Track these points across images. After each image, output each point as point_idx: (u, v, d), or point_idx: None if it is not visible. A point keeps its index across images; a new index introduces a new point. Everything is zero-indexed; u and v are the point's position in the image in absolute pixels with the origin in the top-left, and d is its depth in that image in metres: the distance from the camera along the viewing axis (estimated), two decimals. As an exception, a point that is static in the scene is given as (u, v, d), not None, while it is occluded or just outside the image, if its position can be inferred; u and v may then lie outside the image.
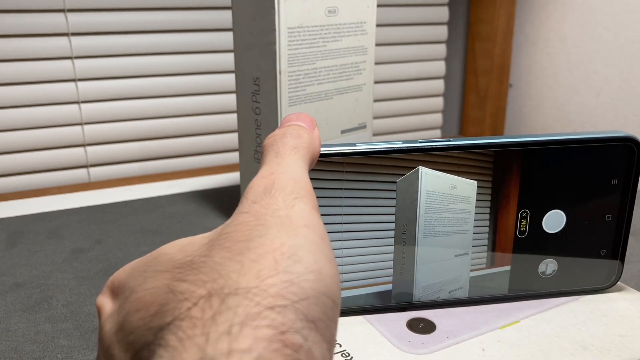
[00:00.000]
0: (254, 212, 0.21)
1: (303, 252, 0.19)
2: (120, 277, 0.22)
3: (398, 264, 0.33)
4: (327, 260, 0.19)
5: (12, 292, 0.41)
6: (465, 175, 0.32)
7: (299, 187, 0.22)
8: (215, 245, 0.20)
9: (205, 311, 0.17)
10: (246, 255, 0.18)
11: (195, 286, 0.18)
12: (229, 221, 0.21)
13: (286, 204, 0.21)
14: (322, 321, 0.18)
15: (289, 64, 0.44)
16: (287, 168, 0.23)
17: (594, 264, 0.34)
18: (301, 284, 0.18)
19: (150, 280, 0.20)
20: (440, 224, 0.33)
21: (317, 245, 0.20)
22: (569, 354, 0.30)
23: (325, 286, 0.19)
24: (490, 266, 0.34)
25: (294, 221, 0.20)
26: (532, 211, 0.33)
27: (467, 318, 0.33)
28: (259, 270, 0.18)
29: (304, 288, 0.18)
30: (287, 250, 0.19)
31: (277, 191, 0.22)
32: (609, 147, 0.32)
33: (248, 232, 0.20)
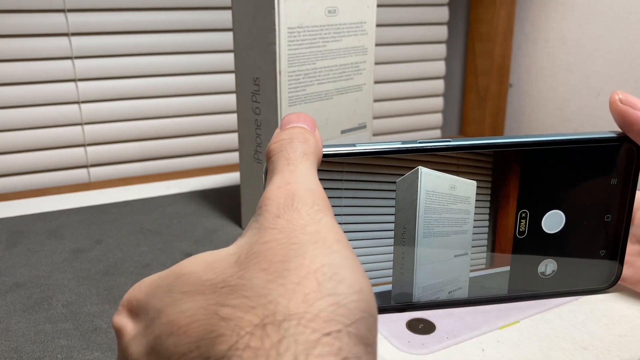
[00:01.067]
0: (281, 228, 0.20)
1: (343, 271, 0.19)
2: (137, 297, 0.22)
3: (397, 265, 0.33)
4: (363, 275, 0.19)
5: (12, 292, 0.41)
6: (464, 176, 0.32)
7: (319, 198, 0.22)
8: (250, 265, 0.19)
9: (264, 341, 0.17)
10: (288, 277, 0.18)
11: (242, 312, 0.18)
12: (254, 237, 0.20)
13: (312, 218, 0.21)
14: (370, 340, 0.18)
15: (289, 64, 0.44)
16: (302, 177, 0.23)
17: (594, 264, 0.34)
18: (348, 305, 0.18)
19: (182, 303, 0.19)
20: (439, 224, 0.33)
21: (353, 261, 0.19)
22: (568, 354, 0.30)
23: (367, 304, 0.18)
24: (489, 266, 0.34)
25: (326, 237, 0.20)
26: (532, 211, 0.33)
27: (467, 318, 0.33)
28: (305, 294, 0.18)
29: (351, 309, 0.18)
30: (328, 271, 0.18)
31: (300, 204, 0.21)
32: (608, 148, 0.32)
33: (283, 251, 0.19)
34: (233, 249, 0.21)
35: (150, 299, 0.21)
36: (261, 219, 0.21)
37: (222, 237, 0.50)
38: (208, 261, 0.21)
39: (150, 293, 0.21)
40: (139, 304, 0.21)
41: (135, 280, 0.42)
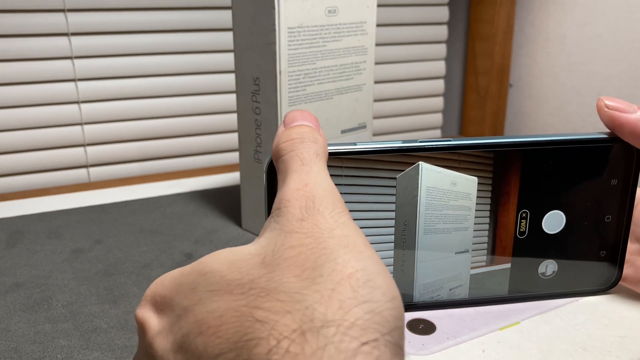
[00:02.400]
0: (308, 232, 0.20)
1: (376, 277, 0.18)
2: (162, 292, 0.21)
3: (398, 262, 0.33)
4: (393, 282, 0.19)
5: (12, 292, 0.41)
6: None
7: (338, 200, 0.22)
8: (279, 269, 0.19)
9: (304, 347, 0.16)
10: (322, 284, 0.18)
11: (277, 315, 0.17)
12: (278, 239, 0.20)
13: (336, 221, 0.20)
14: (402, 347, 0.18)
15: (289, 64, 0.44)
16: (319, 179, 0.23)
17: (594, 265, 0.34)
18: (383, 313, 0.18)
19: (209, 302, 0.19)
20: (440, 221, 0.33)
21: (382, 266, 0.19)
22: (568, 355, 0.30)
23: (400, 312, 0.18)
24: (490, 266, 0.34)
25: (356, 241, 0.20)
26: (532, 212, 0.33)
27: (467, 319, 0.33)
28: (341, 301, 0.17)
29: (387, 318, 0.18)
30: (362, 276, 0.18)
31: (322, 206, 0.21)
32: (609, 148, 0.32)
33: (314, 256, 0.19)
34: (255, 249, 0.20)
35: (175, 296, 0.21)
36: (283, 221, 0.21)
37: (222, 237, 0.50)
38: (231, 260, 0.20)
39: (174, 290, 0.21)
40: (163, 299, 0.21)
41: (136, 281, 0.42)
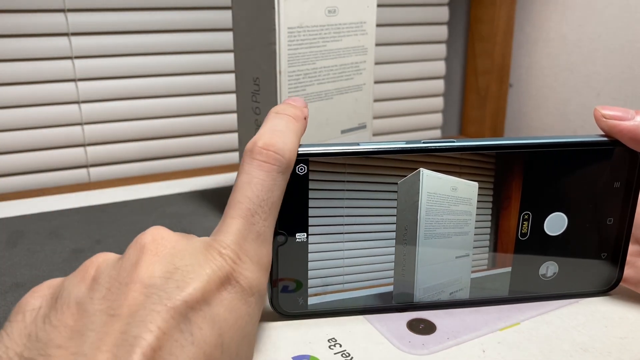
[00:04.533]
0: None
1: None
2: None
3: (399, 266, 0.33)
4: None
5: (12, 292, 0.41)
6: (467, 177, 0.32)
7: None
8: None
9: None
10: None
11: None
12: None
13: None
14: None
15: (289, 64, 0.44)
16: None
17: (595, 267, 0.34)
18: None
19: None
20: (441, 226, 0.33)
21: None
22: (569, 356, 0.30)
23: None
24: (491, 268, 0.34)
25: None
26: (534, 213, 0.33)
27: (468, 319, 0.33)
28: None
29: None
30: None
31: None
32: (611, 151, 0.32)
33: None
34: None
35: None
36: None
37: (222, 237, 0.50)
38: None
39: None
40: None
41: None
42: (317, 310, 0.33)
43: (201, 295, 0.22)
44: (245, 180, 0.26)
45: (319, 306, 0.33)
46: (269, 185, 0.26)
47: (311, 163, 0.30)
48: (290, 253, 0.32)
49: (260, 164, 0.27)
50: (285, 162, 0.27)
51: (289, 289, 0.32)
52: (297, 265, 0.32)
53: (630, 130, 0.31)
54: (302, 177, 0.30)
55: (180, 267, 0.22)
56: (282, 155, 0.27)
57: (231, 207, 0.26)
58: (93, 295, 0.21)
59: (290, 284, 0.32)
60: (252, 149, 0.27)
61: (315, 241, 0.32)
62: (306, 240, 0.32)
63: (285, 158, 0.27)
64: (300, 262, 0.32)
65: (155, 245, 0.23)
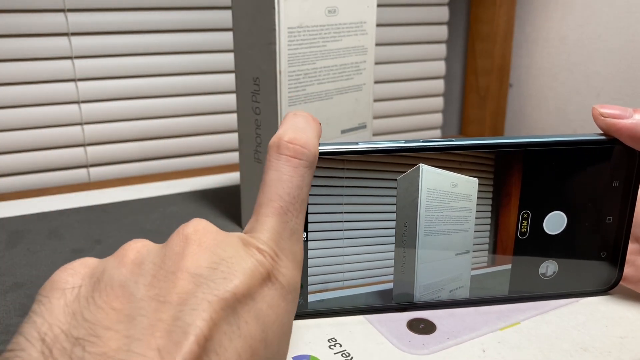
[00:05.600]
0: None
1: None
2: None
3: (399, 263, 0.33)
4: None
5: (12, 292, 0.41)
6: (467, 175, 0.32)
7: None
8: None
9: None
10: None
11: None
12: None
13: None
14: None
15: (289, 64, 0.44)
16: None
17: (595, 266, 0.34)
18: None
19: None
20: (441, 222, 0.33)
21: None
22: (569, 356, 0.30)
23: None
24: (490, 266, 0.34)
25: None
26: (534, 212, 0.33)
27: (468, 319, 0.33)
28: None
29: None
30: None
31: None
32: (610, 150, 0.32)
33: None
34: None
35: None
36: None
37: (222, 237, 0.50)
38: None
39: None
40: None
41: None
42: (317, 310, 0.33)
43: (247, 289, 0.21)
44: (275, 177, 0.26)
45: (319, 306, 0.33)
46: (298, 181, 0.26)
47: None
48: None
49: (288, 159, 0.26)
50: (312, 156, 0.27)
51: None
52: None
53: (628, 128, 0.31)
54: None
55: (225, 258, 0.22)
56: (308, 149, 0.27)
57: (263, 205, 0.26)
58: (138, 280, 0.21)
59: None
60: (279, 144, 0.27)
61: (314, 240, 0.32)
62: (306, 240, 0.32)
63: (312, 152, 0.27)
64: None
65: (198, 235, 0.23)
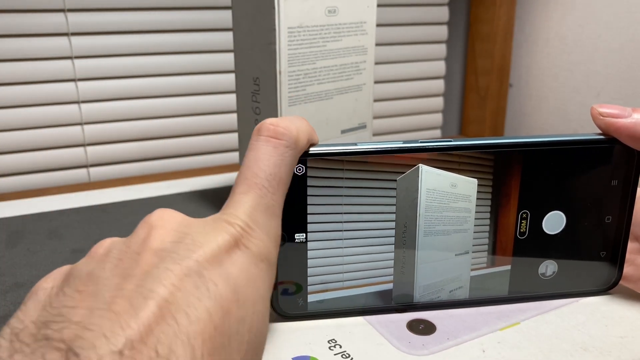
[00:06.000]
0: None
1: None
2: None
3: (398, 264, 0.33)
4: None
5: (12, 292, 0.41)
6: (466, 176, 0.32)
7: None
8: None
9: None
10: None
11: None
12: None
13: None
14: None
15: (289, 64, 0.44)
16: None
17: (594, 265, 0.34)
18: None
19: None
20: (440, 223, 0.33)
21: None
22: (569, 356, 0.30)
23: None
24: (490, 266, 0.34)
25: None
26: (533, 212, 0.33)
27: (467, 319, 0.33)
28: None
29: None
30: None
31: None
32: (609, 149, 0.32)
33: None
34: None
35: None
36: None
37: (222, 237, 0.50)
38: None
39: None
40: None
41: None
42: (317, 311, 0.33)
43: (212, 256, 0.22)
44: (252, 157, 0.27)
45: (318, 307, 0.33)
46: (276, 160, 0.26)
47: (309, 163, 0.30)
48: (289, 254, 0.32)
49: (267, 139, 0.27)
50: (292, 137, 0.27)
51: (289, 291, 0.32)
52: (297, 265, 0.32)
53: (627, 127, 0.31)
54: (301, 177, 0.30)
55: (190, 233, 0.23)
56: (289, 131, 0.27)
57: (239, 184, 0.26)
58: (105, 266, 0.21)
59: (290, 287, 0.32)
60: (260, 127, 0.27)
61: (314, 241, 0.32)
62: (305, 241, 0.32)
63: (292, 134, 0.27)
64: (299, 262, 0.32)
65: (163, 221, 0.24)
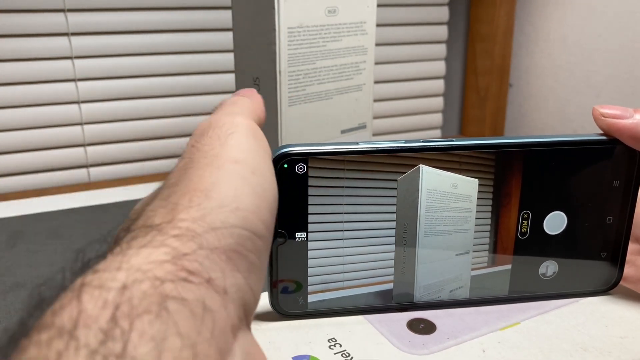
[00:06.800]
0: (189, 155, 0.23)
1: (220, 188, 0.20)
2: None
3: (399, 264, 0.33)
4: (250, 193, 0.21)
5: (12, 292, 0.41)
6: (466, 176, 0.32)
7: (237, 123, 0.24)
8: (158, 191, 0.22)
9: (123, 247, 0.19)
10: (171, 198, 0.21)
11: (129, 230, 0.21)
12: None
13: (220, 141, 0.23)
14: (236, 251, 0.19)
15: (289, 64, 0.44)
16: (225, 112, 0.25)
17: (595, 266, 0.34)
18: (211, 216, 0.19)
19: (121, 228, 0.24)
20: (441, 223, 0.33)
21: (243, 179, 0.21)
22: (569, 356, 0.30)
23: (243, 219, 0.20)
24: (491, 266, 0.34)
25: (221, 158, 0.22)
26: (534, 212, 0.33)
27: (468, 319, 0.33)
28: (174, 209, 0.20)
29: (214, 221, 0.19)
30: (205, 188, 0.20)
31: (213, 130, 0.23)
32: (610, 150, 0.32)
33: (178, 175, 0.22)
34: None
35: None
36: (183, 152, 0.24)
37: (222, 237, 0.50)
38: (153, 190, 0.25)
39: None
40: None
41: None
42: (317, 310, 0.33)
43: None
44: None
45: (319, 306, 0.33)
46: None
47: (310, 162, 0.30)
48: (290, 253, 0.32)
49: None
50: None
51: (289, 289, 0.32)
52: (297, 264, 0.32)
53: (629, 128, 0.31)
54: (302, 176, 0.30)
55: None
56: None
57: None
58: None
59: (290, 285, 0.32)
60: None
61: (314, 240, 0.32)
62: (306, 240, 0.32)
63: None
64: (300, 261, 0.32)
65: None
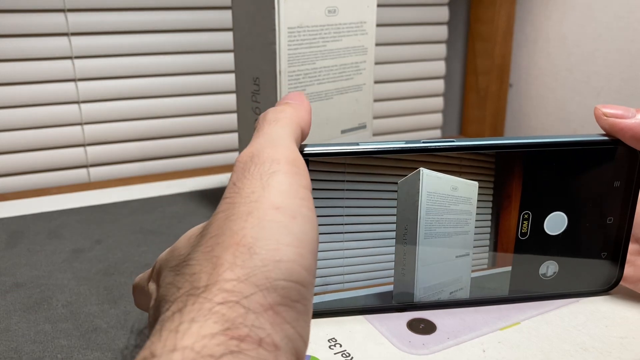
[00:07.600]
0: (231, 198, 0.22)
1: (263, 242, 0.20)
2: (157, 267, 0.25)
3: (399, 265, 0.33)
4: (292, 242, 0.20)
5: (12, 292, 0.41)
6: (467, 176, 0.32)
7: (278, 157, 0.23)
8: (200, 240, 0.21)
9: (174, 312, 0.18)
10: (214, 252, 0.20)
11: (176, 287, 0.20)
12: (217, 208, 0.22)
13: (262, 183, 0.22)
14: (282, 304, 0.19)
15: (289, 64, 0.44)
16: (266, 138, 0.24)
17: (595, 266, 0.34)
18: (256, 275, 0.19)
19: (164, 277, 0.22)
20: (441, 225, 0.33)
21: (285, 228, 0.20)
22: (569, 356, 0.30)
23: (287, 271, 0.19)
24: (491, 267, 0.34)
25: (263, 205, 0.21)
26: (534, 213, 0.33)
27: (468, 319, 0.33)
28: (220, 265, 0.19)
29: (259, 279, 0.19)
30: (247, 243, 0.20)
31: (256, 167, 0.22)
32: (611, 150, 0.32)
33: (220, 225, 0.21)
34: (206, 222, 0.22)
35: (160, 270, 0.24)
36: (226, 189, 0.23)
37: (222, 237, 0.50)
38: (189, 235, 0.23)
39: (161, 265, 0.24)
40: (156, 273, 0.25)
41: (136, 281, 0.42)
42: (317, 310, 0.33)
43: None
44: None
45: (319, 306, 0.33)
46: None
47: (311, 163, 0.30)
48: None
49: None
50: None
51: None
52: None
53: (631, 128, 0.31)
54: None
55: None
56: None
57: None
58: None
59: None
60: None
61: (315, 241, 0.32)
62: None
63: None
64: None
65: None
